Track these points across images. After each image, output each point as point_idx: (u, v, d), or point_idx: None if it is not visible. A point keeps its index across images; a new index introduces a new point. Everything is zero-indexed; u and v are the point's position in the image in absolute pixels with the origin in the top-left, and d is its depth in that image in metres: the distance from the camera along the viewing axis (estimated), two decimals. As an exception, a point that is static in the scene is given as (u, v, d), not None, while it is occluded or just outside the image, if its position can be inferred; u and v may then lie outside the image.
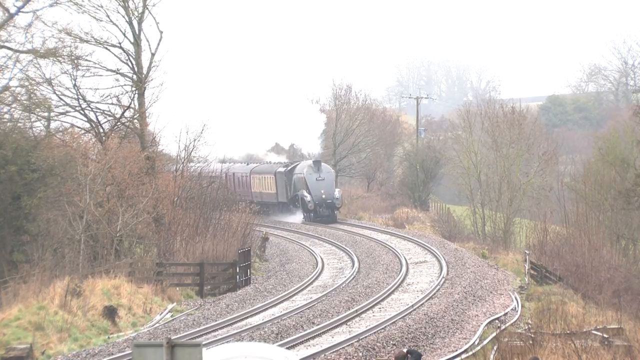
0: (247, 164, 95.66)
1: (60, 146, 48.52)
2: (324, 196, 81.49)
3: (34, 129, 50.78)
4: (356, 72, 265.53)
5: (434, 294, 43.57)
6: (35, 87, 51.01)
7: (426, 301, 41.47)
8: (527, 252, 54.96)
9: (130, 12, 53.13)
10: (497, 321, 37.08)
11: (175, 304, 43.45)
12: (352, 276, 50.96)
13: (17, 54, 49.41)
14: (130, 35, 53.35)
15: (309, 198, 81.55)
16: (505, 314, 39.44)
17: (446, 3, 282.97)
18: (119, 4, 52.98)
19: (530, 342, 30.46)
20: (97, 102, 53.47)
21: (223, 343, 30.95)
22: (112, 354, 31.84)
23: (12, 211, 43.30)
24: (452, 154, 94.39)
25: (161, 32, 53.79)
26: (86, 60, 52.52)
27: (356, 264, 55.20)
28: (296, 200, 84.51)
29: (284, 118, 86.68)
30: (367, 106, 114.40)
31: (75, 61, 51.95)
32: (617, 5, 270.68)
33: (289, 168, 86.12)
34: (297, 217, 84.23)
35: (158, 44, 53.74)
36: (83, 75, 52.69)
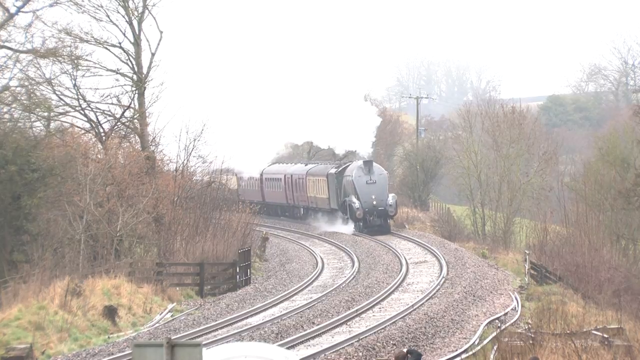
0: (306, 164, 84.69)
1: (60, 146, 48.50)
2: (374, 202, 70.79)
3: (34, 129, 50.81)
4: (356, 72, 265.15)
5: (434, 293, 43.58)
6: (35, 87, 51.05)
7: (426, 301, 41.48)
8: (527, 252, 54.92)
9: (130, 12, 53.14)
10: (497, 321, 37.05)
11: (175, 303, 43.43)
12: (352, 276, 50.94)
13: (17, 54, 49.44)
14: (130, 35, 53.38)
15: (357, 205, 70.77)
16: (505, 314, 39.42)
17: (446, 3, 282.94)
18: (119, 4, 53.02)
19: (530, 342, 30.45)
20: (97, 102, 53.54)
21: (223, 343, 30.95)
22: (112, 354, 31.85)
23: (12, 211, 43.29)
24: (452, 154, 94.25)
25: (161, 32, 53.90)
26: (86, 60, 52.60)
27: (356, 264, 55.17)
28: (345, 207, 73.88)
29: (322, 117, 76.15)
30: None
31: (75, 61, 51.97)
32: (617, 5, 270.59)
33: (340, 169, 75.56)
34: (348, 227, 73.29)
35: (158, 44, 53.83)
36: (83, 75, 52.77)
